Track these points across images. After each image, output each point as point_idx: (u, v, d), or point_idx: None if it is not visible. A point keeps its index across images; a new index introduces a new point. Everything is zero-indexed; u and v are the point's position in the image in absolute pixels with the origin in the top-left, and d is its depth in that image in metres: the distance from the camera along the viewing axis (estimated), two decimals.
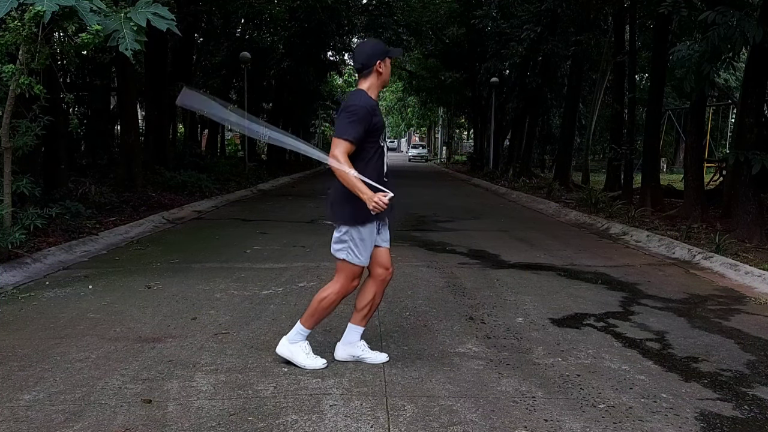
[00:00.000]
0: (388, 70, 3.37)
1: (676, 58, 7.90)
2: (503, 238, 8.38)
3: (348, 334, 3.51)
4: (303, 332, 3.41)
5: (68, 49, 5.64)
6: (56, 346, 3.68)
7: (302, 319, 3.41)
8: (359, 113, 3.18)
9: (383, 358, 3.53)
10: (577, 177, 18.04)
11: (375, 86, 3.34)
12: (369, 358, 3.49)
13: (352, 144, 3.15)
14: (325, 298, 3.35)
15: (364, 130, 3.18)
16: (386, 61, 3.34)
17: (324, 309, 3.37)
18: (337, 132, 3.20)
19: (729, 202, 9.37)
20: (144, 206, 9.68)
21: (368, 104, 3.23)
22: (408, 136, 65.33)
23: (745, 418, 2.91)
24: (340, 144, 3.14)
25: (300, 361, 3.38)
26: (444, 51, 26.89)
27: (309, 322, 3.40)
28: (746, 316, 4.70)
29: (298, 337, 3.41)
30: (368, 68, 3.30)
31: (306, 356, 3.39)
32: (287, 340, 3.43)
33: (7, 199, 5.59)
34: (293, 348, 3.40)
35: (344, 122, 3.19)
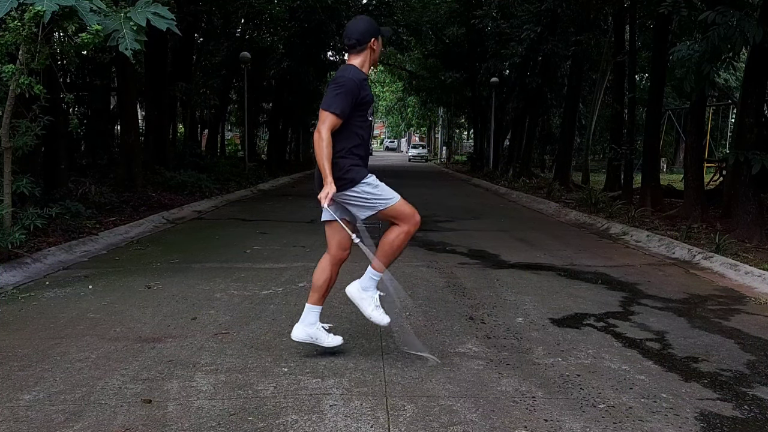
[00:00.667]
0: (379, 47, 3.41)
1: (676, 58, 7.90)
2: (503, 238, 8.38)
3: (306, 315, 3.47)
4: (375, 276, 3.36)
5: (68, 49, 5.64)
6: (56, 346, 3.68)
7: (374, 264, 3.33)
8: (347, 85, 3.17)
9: (338, 341, 3.51)
10: (577, 177, 18.04)
11: (367, 63, 3.34)
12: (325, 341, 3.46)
13: (338, 117, 3.14)
14: (395, 239, 3.30)
15: (351, 104, 3.16)
16: (379, 39, 3.37)
17: (397, 248, 3.33)
18: (324, 104, 3.18)
19: (729, 202, 9.37)
20: (144, 206, 9.68)
21: (357, 77, 3.22)
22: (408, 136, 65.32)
23: (745, 418, 2.91)
24: (326, 118, 3.13)
25: (367, 311, 3.35)
26: (444, 51, 26.90)
27: (383, 265, 3.34)
28: (746, 316, 4.70)
29: (370, 283, 3.36)
30: (363, 44, 3.31)
31: (374, 309, 3.36)
32: (359, 285, 3.38)
33: (7, 199, 5.59)
34: (364, 296, 3.36)
35: (332, 94, 3.17)
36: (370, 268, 3.38)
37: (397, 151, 73.63)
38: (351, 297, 3.42)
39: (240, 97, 19.80)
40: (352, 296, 3.41)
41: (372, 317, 3.37)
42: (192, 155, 15.65)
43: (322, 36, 20.05)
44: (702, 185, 9.94)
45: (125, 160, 11.29)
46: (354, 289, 3.41)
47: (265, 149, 27.10)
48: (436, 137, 53.23)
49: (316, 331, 3.47)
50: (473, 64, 24.75)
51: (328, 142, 3.10)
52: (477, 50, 23.79)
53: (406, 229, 3.32)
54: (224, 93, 20.47)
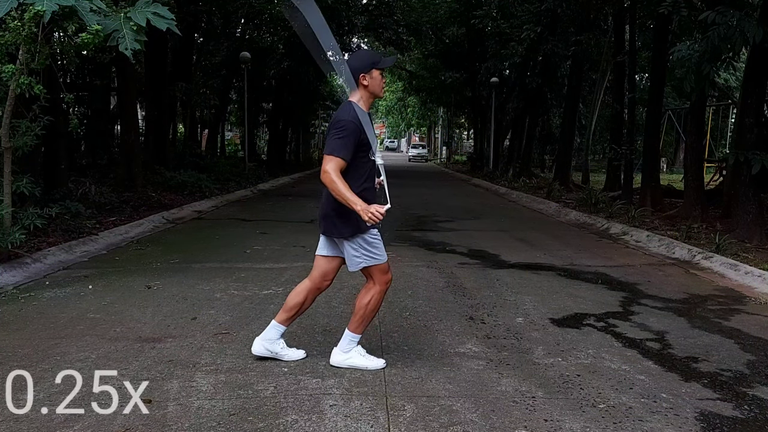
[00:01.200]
0: (376, 81, 3.33)
1: (676, 58, 7.90)
2: (503, 238, 8.38)
3: (269, 330, 3.49)
4: (354, 339, 3.41)
5: (68, 49, 5.64)
6: (56, 346, 3.68)
7: (351, 327, 3.39)
8: (348, 128, 3.17)
9: (301, 354, 3.52)
10: (577, 177, 18.04)
11: (364, 99, 3.33)
12: (286, 356, 3.48)
13: (343, 161, 3.15)
14: (369, 302, 3.34)
15: (354, 145, 3.17)
16: (372, 73, 3.30)
17: (371, 312, 3.38)
18: (327, 149, 3.18)
19: (729, 202, 9.37)
20: (144, 206, 9.68)
21: (356, 118, 3.22)
22: (408, 136, 65.30)
23: (745, 418, 2.91)
24: (331, 161, 3.13)
25: (360, 364, 3.39)
26: (444, 51, 26.88)
27: (360, 329, 3.40)
28: (746, 316, 4.70)
29: (351, 345, 3.41)
30: (353, 83, 3.30)
31: (364, 358, 3.41)
32: (341, 350, 3.42)
33: (7, 199, 5.59)
34: (350, 356, 3.41)
35: (333, 139, 3.18)
36: (348, 332, 3.41)
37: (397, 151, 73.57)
38: (338, 365, 3.42)
39: (240, 97, 19.79)
40: (339, 364, 3.42)
41: (368, 367, 3.39)
42: (192, 155, 15.66)
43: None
44: (702, 185, 9.95)
45: (125, 160, 11.29)
46: (337, 356, 3.43)
47: (265, 149, 27.08)
48: (436, 137, 53.21)
49: (275, 346, 3.48)
50: (473, 64, 24.74)
51: (338, 177, 3.11)
52: (477, 50, 23.79)
53: (379, 289, 3.36)
54: (224, 93, 20.46)
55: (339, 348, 3.43)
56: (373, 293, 3.35)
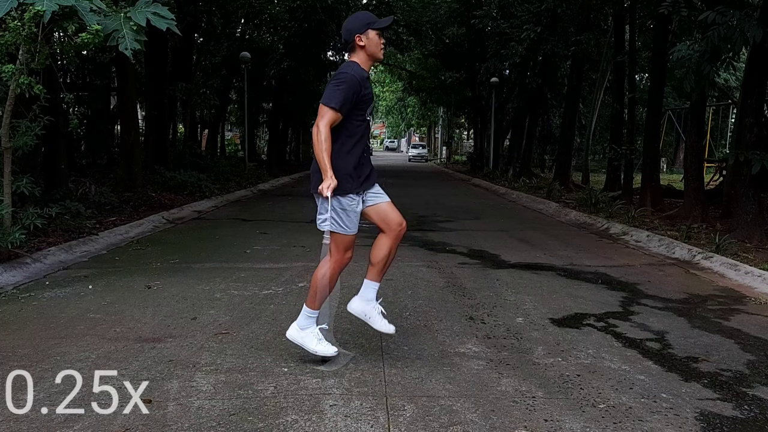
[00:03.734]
0: (373, 42, 3.31)
1: (676, 58, 7.89)
2: (503, 238, 8.38)
3: (365, 290, 3.45)
4: (311, 314, 3.36)
5: (68, 49, 5.63)
6: (56, 346, 3.68)
7: (307, 301, 3.36)
8: (349, 81, 3.15)
9: (391, 329, 3.47)
10: (577, 177, 18.04)
11: (363, 59, 3.32)
12: (376, 324, 3.44)
13: (338, 112, 3.12)
14: (324, 275, 3.30)
15: (352, 100, 3.14)
16: (368, 33, 3.29)
17: (324, 286, 3.32)
18: (324, 99, 3.15)
19: (729, 202, 9.37)
20: (144, 206, 9.68)
21: (359, 74, 3.21)
22: (408, 136, 65.29)
23: (745, 418, 2.91)
24: (326, 114, 3.10)
25: (311, 347, 3.35)
26: (444, 51, 26.88)
27: (314, 303, 3.35)
28: (746, 316, 4.70)
29: (308, 322, 3.36)
30: (350, 43, 3.31)
31: (318, 342, 3.35)
32: (297, 327, 3.38)
33: (7, 199, 5.59)
34: (304, 335, 3.36)
35: (332, 89, 3.15)
36: (305, 307, 3.38)
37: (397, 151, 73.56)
38: (291, 338, 3.39)
39: (240, 97, 19.78)
40: (292, 338, 3.39)
41: (317, 351, 3.35)
42: (192, 155, 15.64)
43: (322, 36, 20.05)
44: (702, 185, 9.94)
45: (125, 160, 11.29)
46: (294, 332, 3.40)
47: (265, 149, 27.07)
48: (436, 137, 53.20)
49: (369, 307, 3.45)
50: (473, 64, 24.74)
51: (326, 136, 3.08)
52: (477, 50, 23.78)
53: (333, 265, 3.30)
54: (224, 93, 20.45)
55: (297, 323, 3.39)
56: (327, 266, 3.29)
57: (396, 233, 3.40)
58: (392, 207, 3.44)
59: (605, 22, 16.81)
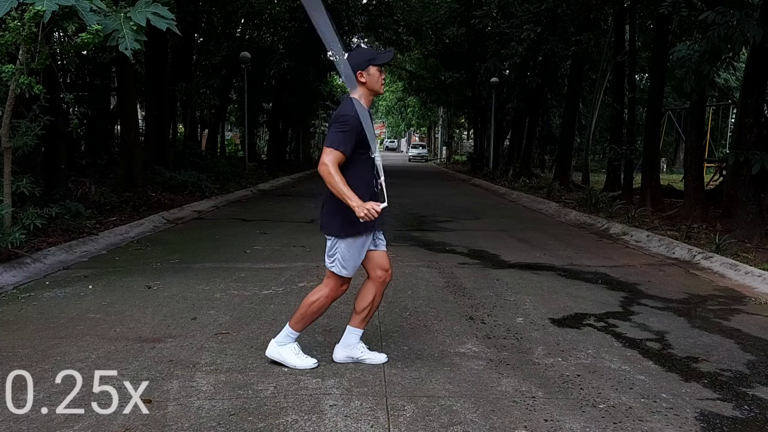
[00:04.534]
0: (374, 78, 3.32)
1: (676, 58, 7.89)
2: (503, 238, 8.38)
3: (346, 336, 3.50)
4: (292, 335, 3.41)
5: (68, 49, 5.63)
6: (56, 346, 3.68)
7: (291, 322, 3.41)
8: (349, 123, 3.17)
9: (382, 358, 3.52)
10: (577, 177, 18.04)
11: (364, 95, 3.33)
12: (368, 359, 3.48)
13: (343, 154, 3.15)
14: (314, 302, 3.36)
15: (354, 140, 3.17)
16: (369, 69, 3.29)
17: (313, 313, 3.38)
18: (327, 142, 3.18)
19: (729, 202, 9.37)
20: (144, 206, 9.68)
21: (358, 114, 3.22)
22: (408, 136, 65.27)
23: (745, 418, 2.91)
24: (330, 154, 3.13)
25: (291, 362, 3.38)
26: (444, 51, 26.89)
27: (298, 326, 3.40)
28: (746, 316, 4.70)
29: (287, 339, 3.41)
30: (351, 80, 3.30)
31: (296, 357, 3.40)
32: (276, 343, 3.42)
33: (7, 199, 5.59)
34: (282, 350, 3.40)
35: (334, 132, 3.18)
36: (288, 326, 3.41)
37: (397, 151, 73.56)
38: (271, 357, 3.42)
39: (240, 97, 19.77)
40: (272, 357, 3.42)
41: (297, 365, 3.37)
42: (192, 155, 15.63)
43: None
44: (702, 185, 9.94)
45: (125, 160, 11.29)
46: (273, 350, 3.42)
47: (265, 149, 27.07)
48: (436, 137, 53.19)
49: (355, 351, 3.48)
50: (473, 64, 24.73)
51: (336, 171, 3.10)
52: (477, 50, 23.78)
53: (327, 294, 3.36)
54: (224, 93, 20.45)
55: (275, 339, 3.43)
56: (321, 294, 3.36)
57: (383, 281, 3.45)
58: (386, 255, 3.48)
59: (605, 22, 16.81)
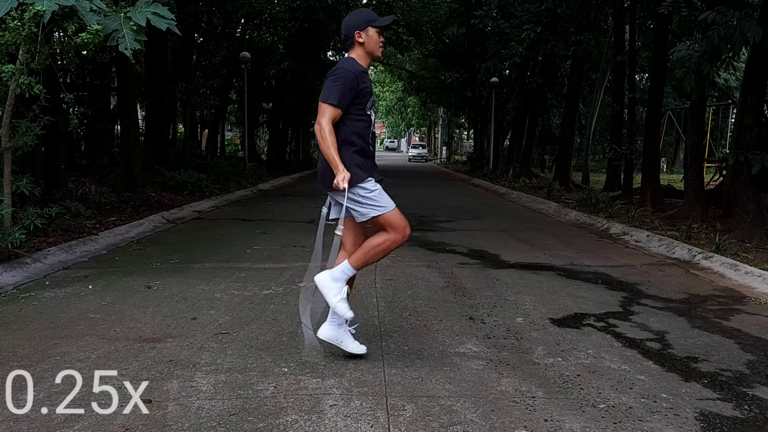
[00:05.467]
0: (372, 39, 3.31)
1: (676, 58, 7.89)
2: (503, 238, 8.38)
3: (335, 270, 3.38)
4: (349, 271, 3.31)
5: (68, 49, 5.63)
6: (56, 346, 3.68)
7: (351, 259, 3.30)
8: (346, 76, 3.16)
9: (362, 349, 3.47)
10: (577, 177, 18.03)
11: (362, 56, 3.32)
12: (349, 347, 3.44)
13: (337, 108, 3.12)
14: (380, 244, 3.25)
15: (350, 95, 3.14)
16: (368, 30, 3.30)
17: (376, 254, 3.29)
18: (322, 96, 3.15)
19: (729, 202, 9.37)
20: (144, 206, 9.68)
21: (355, 69, 3.21)
22: (408, 136, 65.29)
23: (745, 418, 2.91)
24: (326, 111, 3.10)
25: (333, 300, 3.28)
26: (444, 51, 26.89)
27: (358, 264, 3.30)
28: (746, 316, 4.70)
29: (342, 276, 3.30)
30: (349, 39, 3.31)
31: (340, 300, 3.28)
32: (330, 274, 3.30)
33: (7, 199, 5.59)
34: (332, 285, 3.29)
35: (330, 85, 3.15)
36: (347, 262, 3.33)
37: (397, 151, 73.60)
38: (318, 284, 3.31)
39: (240, 97, 19.78)
40: (319, 283, 3.31)
41: (336, 308, 3.28)
42: (192, 155, 15.64)
43: (322, 36, 20.05)
44: (702, 185, 9.94)
45: (125, 160, 11.28)
46: (324, 277, 3.32)
47: (265, 149, 27.07)
48: (436, 137, 53.20)
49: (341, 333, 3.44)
50: (473, 64, 24.74)
51: (330, 132, 3.08)
52: (477, 50, 23.79)
53: (393, 238, 3.25)
54: (224, 93, 20.45)
55: (331, 272, 3.31)
56: (386, 238, 3.25)
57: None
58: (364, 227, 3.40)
59: (605, 22, 16.81)
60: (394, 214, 3.27)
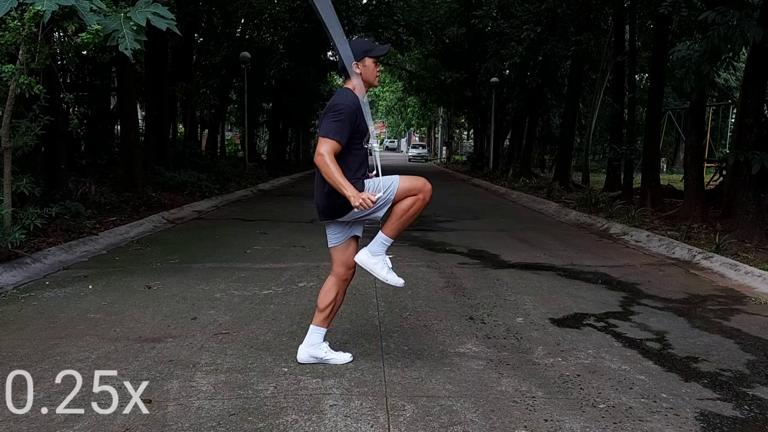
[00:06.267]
0: (369, 70, 3.30)
1: (676, 58, 7.89)
2: (503, 238, 8.38)
3: (310, 336, 3.44)
4: (386, 242, 3.32)
5: (68, 49, 5.63)
6: (56, 346, 3.68)
7: (386, 230, 3.31)
8: (345, 112, 3.14)
9: (347, 358, 3.48)
10: (577, 177, 18.04)
11: (358, 87, 3.30)
12: (332, 359, 3.44)
13: (338, 144, 3.12)
14: (410, 207, 3.26)
15: (349, 130, 3.14)
16: (365, 61, 3.28)
17: (410, 217, 3.30)
18: (322, 131, 3.15)
19: (729, 202, 9.37)
20: (144, 206, 9.68)
21: (353, 103, 3.19)
22: (408, 136, 65.28)
23: (745, 418, 2.91)
24: (327, 143, 3.09)
25: (381, 274, 3.30)
26: (444, 51, 26.89)
27: (394, 232, 3.31)
28: (746, 316, 4.70)
29: (380, 249, 3.32)
30: (346, 70, 3.30)
31: (388, 272, 3.31)
32: (368, 251, 3.32)
33: (7, 199, 5.59)
34: (375, 260, 3.30)
35: (329, 122, 3.14)
36: (381, 234, 3.33)
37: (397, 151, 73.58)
38: (362, 263, 3.33)
39: (240, 97, 19.78)
40: (362, 263, 3.33)
41: (388, 280, 3.31)
42: (192, 155, 15.64)
43: (322, 36, 20.02)
44: (702, 185, 9.94)
45: (125, 160, 11.29)
46: (363, 255, 3.33)
47: (265, 149, 27.08)
48: (436, 137, 53.19)
49: (319, 351, 3.43)
50: (473, 64, 24.74)
51: (332, 160, 3.07)
52: (477, 50, 23.80)
53: (421, 197, 3.29)
54: (224, 93, 20.46)
55: (368, 248, 3.32)
56: (414, 199, 3.26)
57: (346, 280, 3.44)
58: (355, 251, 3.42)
59: (605, 22, 16.81)
60: (405, 181, 3.28)
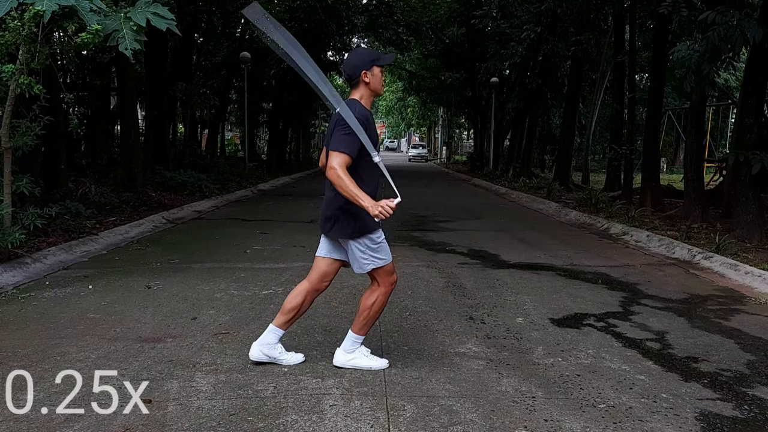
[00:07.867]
0: (377, 78, 3.31)
1: (676, 58, 7.89)
2: (503, 238, 8.38)
3: (267, 334, 3.43)
4: (357, 340, 3.39)
5: (68, 49, 5.64)
6: (56, 346, 3.68)
7: (354, 328, 3.37)
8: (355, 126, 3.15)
9: (299, 358, 3.48)
10: (577, 177, 18.04)
11: (366, 96, 3.31)
12: (285, 360, 3.43)
13: (349, 157, 3.12)
14: (374, 303, 3.31)
15: (359, 143, 3.14)
16: (373, 70, 3.28)
17: (375, 313, 3.35)
18: (333, 145, 3.14)
19: (729, 202, 9.37)
20: (144, 206, 9.68)
21: (363, 116, 3.20)
22: (408, 136, 65.30)
23: (745, 418, 2.91)
24: (338, 157, 3.09)
25: (364, 365, 3.38)
26: (444, 51, 26.89)
27: (363, 330, 3.38)
28: (746, 316, 4.70)
29: (354, 345, 3.39)
30: (355, 79, 3.29)
31: (368, 358, 3.40)
32: (344, 351, 3.39)
33: (7, 199, 5.59)
34: (352, 356, 3.38)
35: (340, 135, 3.14)
36: (351, 332, 3.38)
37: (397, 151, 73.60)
38: (341, 365, 3.39)
39: (240, 97, 19.78)
40: (342, 364, 3.39)
41: (372, 367, 3.38)
42: (192, 155, 15.64)
43: (322, 36, 20.05)
44: (702, 185, 9.94)
45: (125, 160, 11.29)
46: (340, 356, 3.40)
47: (265, 149, 27.07)
48: (436, 137, 53.20)
49: (273, 351, 3.42)
50: (473, 64, 24.74)
51: (345, 173, 3.06)
52: (477, 50, 23.79)
53: (384, 291, 3.32)
54: (224, 93, 20.45)
55: (342, 348, 3.40)
56: (377, 294, 3.32)
57: (318, 290, 3.45)
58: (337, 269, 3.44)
59: (605, 22, 16.82)
60: (389, 267, 3.33)
